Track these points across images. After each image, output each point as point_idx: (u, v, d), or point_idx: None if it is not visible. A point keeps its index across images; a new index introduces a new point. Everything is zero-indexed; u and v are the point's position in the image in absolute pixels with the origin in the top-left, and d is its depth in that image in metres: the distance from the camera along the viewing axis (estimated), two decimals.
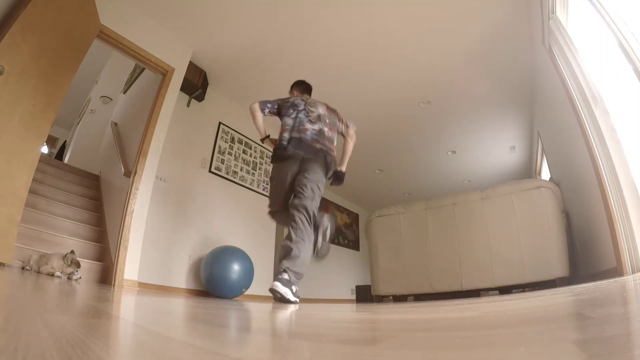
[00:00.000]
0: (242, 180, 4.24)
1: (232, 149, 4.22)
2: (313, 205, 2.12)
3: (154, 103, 3.09)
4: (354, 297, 6.67)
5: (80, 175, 3.90)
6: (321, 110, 2.40)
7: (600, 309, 0.64)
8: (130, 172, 2.87)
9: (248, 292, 3.35)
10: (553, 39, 2.37)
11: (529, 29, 3.12)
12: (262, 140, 2.56)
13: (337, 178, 2.44)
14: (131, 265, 2.64)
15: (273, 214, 2.39)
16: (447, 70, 3.74)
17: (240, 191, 4.20)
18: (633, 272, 1.63)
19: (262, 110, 2.42)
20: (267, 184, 4.60)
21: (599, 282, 1.65)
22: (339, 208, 7.52)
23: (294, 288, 1.87)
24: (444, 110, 4.49)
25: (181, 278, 3.29)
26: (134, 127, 3.52)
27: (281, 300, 1.81)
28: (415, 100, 4.28)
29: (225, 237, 3.79)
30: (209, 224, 3.72)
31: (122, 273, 2.55)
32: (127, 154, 3.35)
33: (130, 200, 2.74)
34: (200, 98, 3.87)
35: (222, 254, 3.16)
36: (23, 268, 2.04)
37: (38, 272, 2.03)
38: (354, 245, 7.61)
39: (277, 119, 2.49)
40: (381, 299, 3.48)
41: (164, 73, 3.22)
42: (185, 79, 3.43)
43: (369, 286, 3.66)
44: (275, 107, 2.45)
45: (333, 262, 6.74)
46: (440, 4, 2.92)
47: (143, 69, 3.90)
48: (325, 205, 7.09)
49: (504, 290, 2.87)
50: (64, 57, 2.42)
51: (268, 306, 1.67)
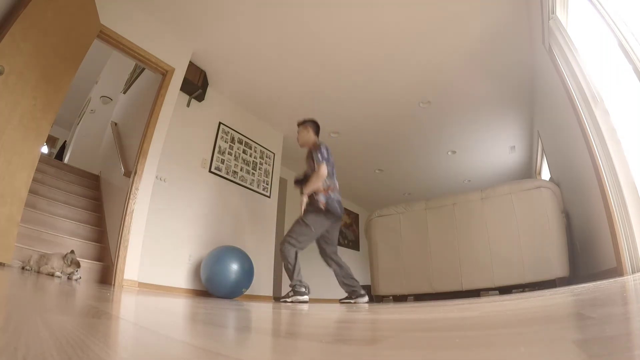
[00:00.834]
0: (242, 180, 4.24)
1: (232, 149, 4.22)
2: None
3: (154, 103, 3.09)
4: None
5: (80, 175, 3.90)
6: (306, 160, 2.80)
7: (600, 309, 0.64)
8: (130, 172, 2.87)
9: (248, 292, 3.35)
10: (553, 39, 2.37)
11: (529, 29, 3.12)
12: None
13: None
14: (131, 265, 2.64)
15: (296, 251, 2.59)
16: (447, 70, 3.74)
17: (241, 191, 4.20)
18: (633, 272, 1.63)
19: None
20: (267, 184, 4.60)
21: (599, 282, 1.65)
22: None
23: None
24: (444, 110, 4.49)
25: (181, 278, 3.29)
26: (134, 127, 3.52)
27: None
28: (416, 100, 4.28)
29: (225, 237, 3.79)
30: (209, 224, 3.72)
31: (122, 273, 2.55)
32: (127, 154, 3.35)
33: (130, 200, 2.74)
34: (200, 98, 3.87)
35: (222, 254, 3.16)
36: (23, 268, 2.04)
37: (38, 272, 2.03)
38: (354, 245, 7.61)
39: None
40: (381, 299, 3.48)
41: (164, 73, 3.22)
42: (185, 79, 3.42)
43: (369, 286, 3.66)
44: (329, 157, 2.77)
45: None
46: (440, 4, 2.92)
47: (143, 69, 3.90)
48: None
49: (504, 290, 2.87)
50: (64, 57, 2.42)
51: (268, 306, 1.67)
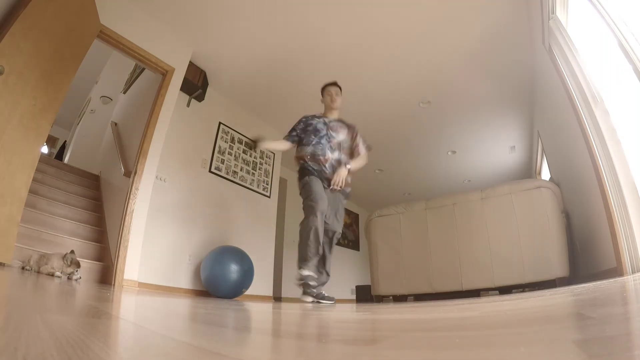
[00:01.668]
0: (242, 180, 4.24)
1: (232, 149, 4.22)
2: None
3: (154, 103, 3.09)
4: (354, 297, 6.67)
5: (80, 175, 3.90)
6: (342, 135, 2.60)
7: (600, 309, 0.64)
8: (130, 172, 2.87)
9: (248, 292, 3.35)
10: (553, 39, 2.37)
11: (529, 29, 3.12)
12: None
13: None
14: (131, 265, 2.64)
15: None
16: (447, 70, 3.74)
17: (241, 191, 4.20)
18: (633, 272, 1.63)
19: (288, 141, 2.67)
20: (267, 184, 4.60)
21: (599, 282, 1.65)
22: None
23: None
24: (444, 110, 4.49)
25: (181, 278, 3.29)
26: (134, 127, 3.52)
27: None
28: (416, 100, 4.28)
29: (226, 237, 3.79)
30: (209, 224, 3.72)
31: (122, 273, 2.55)
32: (127, 154, 3.35)
33: (130, 200, 2.74)
34: (200, 98, 3.87)
35: (222, 254, 3.16)
36: (23, 268, 2.04)
37: (38, 272, 2.03)
38: (354, 245, 7.61)
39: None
40: (381, 299, 3.48)
41: (164, 73, 3.22)
42: (185, 79, 3.42)
43: (369, 286, 3.66)
44: (296, 134, 2.67)
45: (333, 261, 6.73)
46: (440, 4, 2.92)
47: (143, 69, 3.90)
48: None
49: (504, 290, 2.87)
50: (64, 57, 2.42)
51: (268, 306, 1.67)
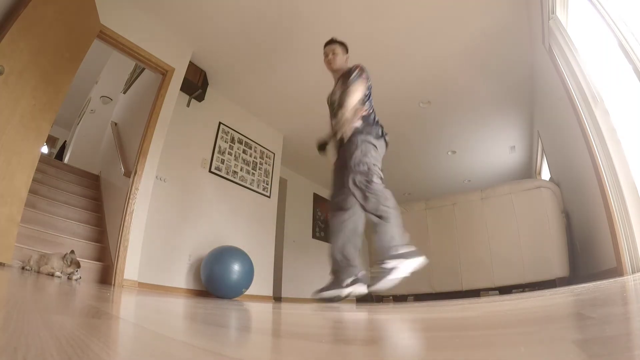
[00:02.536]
0: (242, 180, 4.24)
1: (232, 149, 4.22)
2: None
3: (154, 103, 3.09)
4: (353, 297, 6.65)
5: (80, 175, 3.90)
6: (338, 93, 2.16)
7: (600, 309, 0.64)
8: (130, 172, 2.87)
9: (248, 292, 3.35)
10: (553, 39, 2.37)
11: (529, 29, 3.12)
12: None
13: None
14: (131, 265, 2.64)
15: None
16: (447, 70, 3.74)
17: (240, 191, 4.20)
18: (633, 272, 1.63)
19: None
20: (267, 184, 4.60)
21: (599, 282, 1.65)
22: None
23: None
24: (444, 110, 4.49)
25: (181, 278, 3.29)
26: (134, 127, 3.51)
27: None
28: (416, 100, 4.28)
29: (225, 237, 3.79)
30: (209, 224, 3.71)
31: (122, 273, 2.55)
32: (127, 154, 3.35)
33: (130, 200, 2.74)
34: (200, 98, 3.87)
35: (222, 254, 3.16)
36: (23, 268, 2.04)
37: (38, 272, 2.03)
38: None
39: None
40: (381, 299, 3.48)
41: (164, 73, 3.21)
42: (185, 79, 3.42)
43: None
44: None
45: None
46: (439, 4, 2.92)
47: (143, 69, 3.90)
48: (325, 205, 7.08)
49: (504, 290, 2.87)
50: (64, 57, 2.42)
51: (268, 306, 1.67)
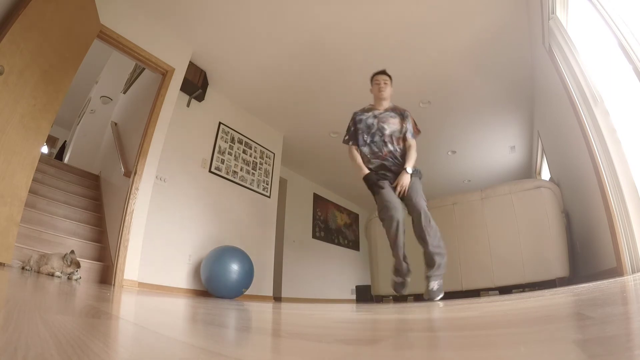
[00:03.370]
0: (242, 180, 4.24)
1: (232, 149, 4.22)
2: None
3: (154, 103, 3.09)
4: (354, 297, 6.67)
5: (80, 175, 3.90)
6: (393, 125, 2.52)
7: (600, 309, 0.64)
8: (130, 172, 2.87)
9: (248, 292, 3.35)
10: (553, 39, 2.37)
11: (529, 29, 3.12)
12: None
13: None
14: (131, 265, 2.64)
15: None
16: (447, 70, 3.74)
17: (241, 191, 4.20)
18: (633, 272, 1.63)
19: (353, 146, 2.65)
20: (267, 184, 4.60)
21: (599, 282, 1.65)
22: (339, 208, 7.52)
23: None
24: (444, 110, 4.50)
25: (181, 278, 3.29)
26: (134, 127, 3.52)
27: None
28: (416, 100, 4.29)
29: (225, 237, 3.79)
30: (209, 224, 3.72)
31: (122, 273, 2.55)
32: (127, 154, 3.35)
33: (130, 200, 2.74)
34: (200, 98, 3.87)
35: (222, 254, 3.16)
36: (23, 268, 2.04)
37: (38, 272, 2.03)
38: (354, 245, 7.61)
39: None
40: (381, 299, 3.48)
41: (164, 73, 3.22)
42: (185, 79, 3.42)
43: (369, 286, 3.66)
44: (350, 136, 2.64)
45: (333, 262, 6.74)
46: (439, 4, 2.92)
47: (143, 69, 3.90)
48: (325, 205, 7.09)
49: (504, 290, 2.87)
50: (64, 57, 2.42)
51: (268, 306, 1.67)
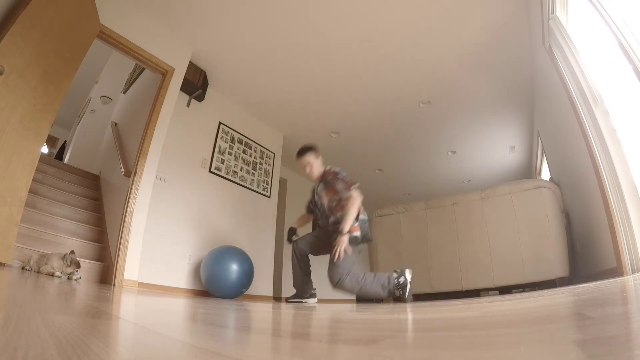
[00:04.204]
0: (242, 180, 4.24)
1: (232, 149, 4.22)
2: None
3: (154, 103, 3.09)
4: (354, 297, 6.66)
5: (80, 175, 3.90)
6: (325, 197, 2.45)
7: (600, 309, 0.64)
8: (130, 172, 2.87)
9: (248, 292, 3.35)
10: (553, 39, 2.37)
11: (529, 29, 3.12)
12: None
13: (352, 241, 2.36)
14: (131, 265, 2.64)
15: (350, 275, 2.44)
16: (447, 70, 3.74)
17: (240, 191, 4.20)
18: (633, 272, 1.63)
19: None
20: (267, 184, 4.61)
21: (599, 282, 1.65)
22: None
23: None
24: (444, 110, 4.50)
25: (181, 278, 3.29)
26: (134, 127, 3.52)
27: None
28: (416, 100, 4.29)
29: (225, 237, 3.79)
30: (208, 224, 3.71)
31: (122, 273, 2.55)
32: (127, 154, 3.35)
33: (130, 200, 2.74)
34: (200, 98, 3.87)
35: (222, 254, 3.16)
36: (23, 268, 2.04)
37: (38, 272, 2.03)
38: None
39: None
40: (381, 299, 3.48)
41: (164, 73, 3.21)
42: (185, 79, 3.42)
43: None
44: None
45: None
46: (439, 4, 2.92)
47: (143, 69, 3.90)
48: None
49: (504, 290, 2.87)
50: (64, 57, 2.42)
51: (268, 306, 1.67)
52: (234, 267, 3.07)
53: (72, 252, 2.17)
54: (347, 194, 2.30)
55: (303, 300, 2.51)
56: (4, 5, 1.98)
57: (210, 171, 3.88)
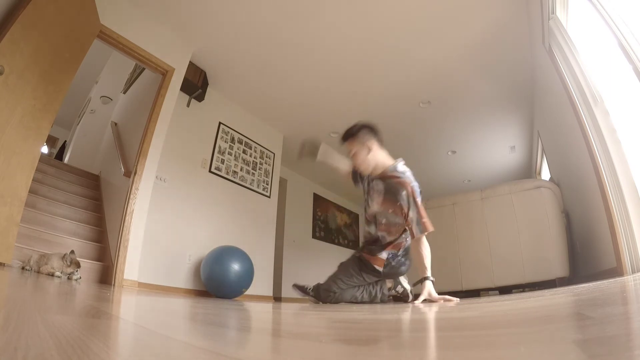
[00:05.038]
0: (242, 180, 4.24)
1: (232, 149, 4.22)
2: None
3: (154, 103, 3.09)
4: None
5: (80, 175, 3.90)
6: (376, 203, 1.89)
7: (600, 309, 0.64)
8: (130, 172, 2.87)
9: (248, 292, 3.35)
10: (553, 39, 2.37)
11: (529, 29, 3.12)
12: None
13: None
14: (131, 265, 2.64)
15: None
16: (447, 70, 3.74)
17: (240, 191, 4.20)
18: (633, 272, 1.63)
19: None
20: (267, 184, 4.61)
21: (599, 282, 1.65)
22: (339, 208, 7.52)
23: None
24: (444, 110, 4.50)
25: (181, 278, 3.29)
26: (134, 127, 3.52)
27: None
28: (416, 100, 4.29)
29: (225, 237, 3.79)
30: (209, 224, 3.72)
31: (122, 273, 2.55)
32: (127, 154, 3.35)
33: (130, 200, 2.74)
34: (200, 98, 3.87)
35: (222, 254, 3.16)
36: (23, 268, 2.04)
37: (38, 272, 2.03)
38: (354, 245, 7.60)
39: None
40: None
41: (164, 73, 3.22)
42: (185, 79, 3.42)
43: None
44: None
45: (333, 262, 6.73)
46: (439, 4, 2.92)
47: (143, 69, 3.90)
48: (325, 205, 7.09)
49: (504, 290, 2.87)
50: (64, 57, 2.42)
51: (268, 306, 1.67)
52: (234, 267, 3.07)
53: (72, 252, 2.17)
54: (418, 233, 1.74)
55: (307, 295, 2.32)
56: (4, 5, 1.98)
57: (210, 171, 3.88)
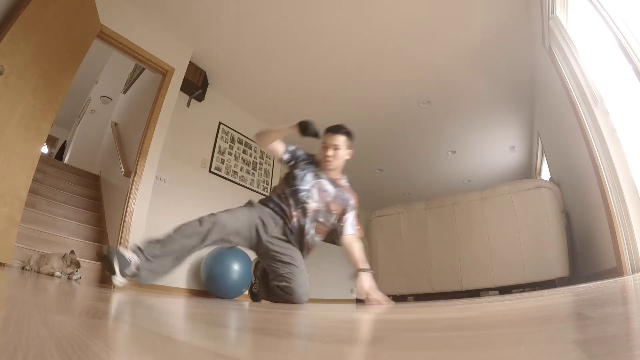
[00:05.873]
0: (242, 180, 4.24)
1: (232, 149, 4.22)
2: None
3: (154, 103, 3.09)
4: (354, 297, 6.67)
5: (80, 175, 3.90)
6: (322, 203, 1.99)
7: (600, 309, 0.64)
8: (130, 172, 2.87)
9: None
10: (553, 39, 2.37)
11: (529, 29, 3.12)
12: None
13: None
14: None
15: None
16: (447, 70, 3.74)
17: (241, 191, 4.20)
18: (633, 272, 1.63)
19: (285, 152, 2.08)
20: (267, 184, 4.60)
21: (599, 282, 1.65)
22: None
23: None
24: (444, 110, 4.50)
25: (181, 278, 3.29)
26: (134, 127, 3.52)
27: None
28: (415, 100, 4.29)
29: None
30: None
31: None
32: (127, 154, 3.35)
33: (130, 200, 2.74)
34: (200, 98, 3.87)
35: (222, 254, 3.16)
36: (23, 268, 2.04)
37: (38, 272, 2.03)
38: None
39: None
40: None
41: (164, 73, 3.22)
42: (185, 79, 3.42)
43: None
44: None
45: (333, 262, 6.74)
46: (439, 4, 2.92)
47: (143, 69, 3.90)
48: None
49: (504, 290, 2.87)
50: (64, 57, 2.42)
51: (268, 306, 1.67)
52: (234, 267, 3.07)
53: (72, 252, 2.17)
54: (352, 232, 2.03)
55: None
56: (4, 5, 1.98)
57: (210, 171, 3.88)
